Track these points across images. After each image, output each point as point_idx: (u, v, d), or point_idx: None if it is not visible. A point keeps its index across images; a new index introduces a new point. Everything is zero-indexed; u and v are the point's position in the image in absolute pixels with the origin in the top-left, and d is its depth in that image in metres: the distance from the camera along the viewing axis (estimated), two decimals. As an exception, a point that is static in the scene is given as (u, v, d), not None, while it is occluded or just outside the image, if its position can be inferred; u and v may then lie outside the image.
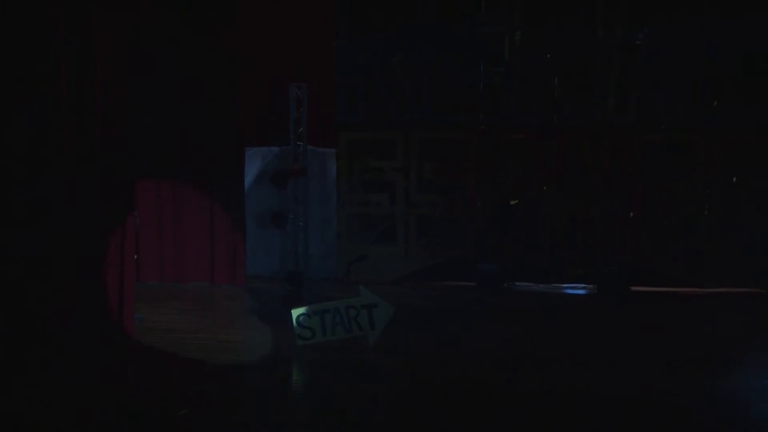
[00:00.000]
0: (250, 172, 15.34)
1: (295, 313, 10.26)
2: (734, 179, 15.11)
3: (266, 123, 15.26)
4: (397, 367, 9.78)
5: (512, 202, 15.49)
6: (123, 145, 10.62)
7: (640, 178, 15.32)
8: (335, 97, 15.69)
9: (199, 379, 9.15)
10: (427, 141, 15.70)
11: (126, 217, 10.83)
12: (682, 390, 8.83)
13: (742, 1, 14.81)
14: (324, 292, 13.60)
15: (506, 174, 15.53)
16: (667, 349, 10.64)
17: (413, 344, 10.76)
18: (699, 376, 9.40)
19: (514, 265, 15.18)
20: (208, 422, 7.59)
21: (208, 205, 14.94)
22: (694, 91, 15.10)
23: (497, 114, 15.43)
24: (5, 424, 7.30)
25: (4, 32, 8.96)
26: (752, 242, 14.85)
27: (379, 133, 15.72)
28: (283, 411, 8.12)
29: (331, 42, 15.56)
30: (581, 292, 14.98)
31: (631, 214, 15.31)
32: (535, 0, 15.24)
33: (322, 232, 15.68)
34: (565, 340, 11.21)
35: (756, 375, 9.08)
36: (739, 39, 14.85)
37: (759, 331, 11.63)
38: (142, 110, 12.68)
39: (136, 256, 11.64)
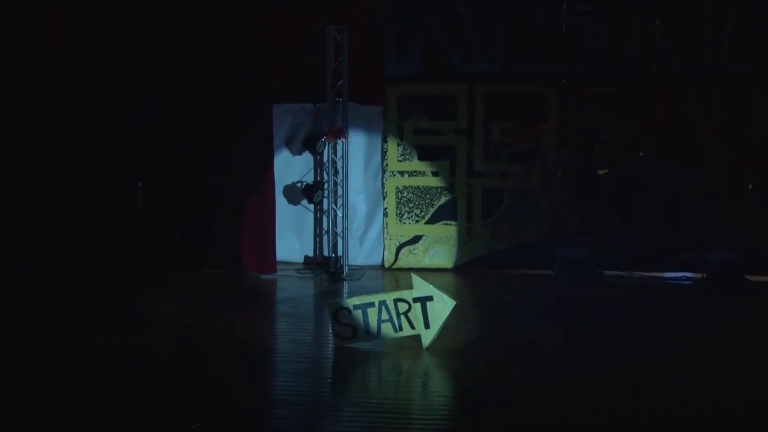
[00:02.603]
0: (279, 135, 14.10)
1: (332, 307, 9.67)
2: None
3: (298, 75, 14.03)
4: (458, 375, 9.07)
5: (600, 172, 14.33)
6: (124, 103, 10.43)
7: (761, 141, 13.89)
8: (383, 44, 14.38)
9: (217, 384, 8.51)
10: (495, 97, 14.34)
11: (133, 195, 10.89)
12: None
13: None
14: (367, 281, 13.34)
15: (593, 137, 14.31)
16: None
17: (477, 346, 10.00)
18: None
19: (603, 249, 14.06)
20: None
21: (229, 176, 13.85)
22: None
23: (582, 63, 14.13)
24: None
25: None
26: None
27: (436, 87, 14.40)
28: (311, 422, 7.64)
29: (378, -25, 14.60)
30: (687, 282, 13.93)
31: (750, 186, 13.94)
32: None
33: (365, 209, 14.63)
34: (667, 342, 10.27)
35: None
36: None
37: None
38: (147, 59, 12.27)
39: (146, 241, 11.56)
